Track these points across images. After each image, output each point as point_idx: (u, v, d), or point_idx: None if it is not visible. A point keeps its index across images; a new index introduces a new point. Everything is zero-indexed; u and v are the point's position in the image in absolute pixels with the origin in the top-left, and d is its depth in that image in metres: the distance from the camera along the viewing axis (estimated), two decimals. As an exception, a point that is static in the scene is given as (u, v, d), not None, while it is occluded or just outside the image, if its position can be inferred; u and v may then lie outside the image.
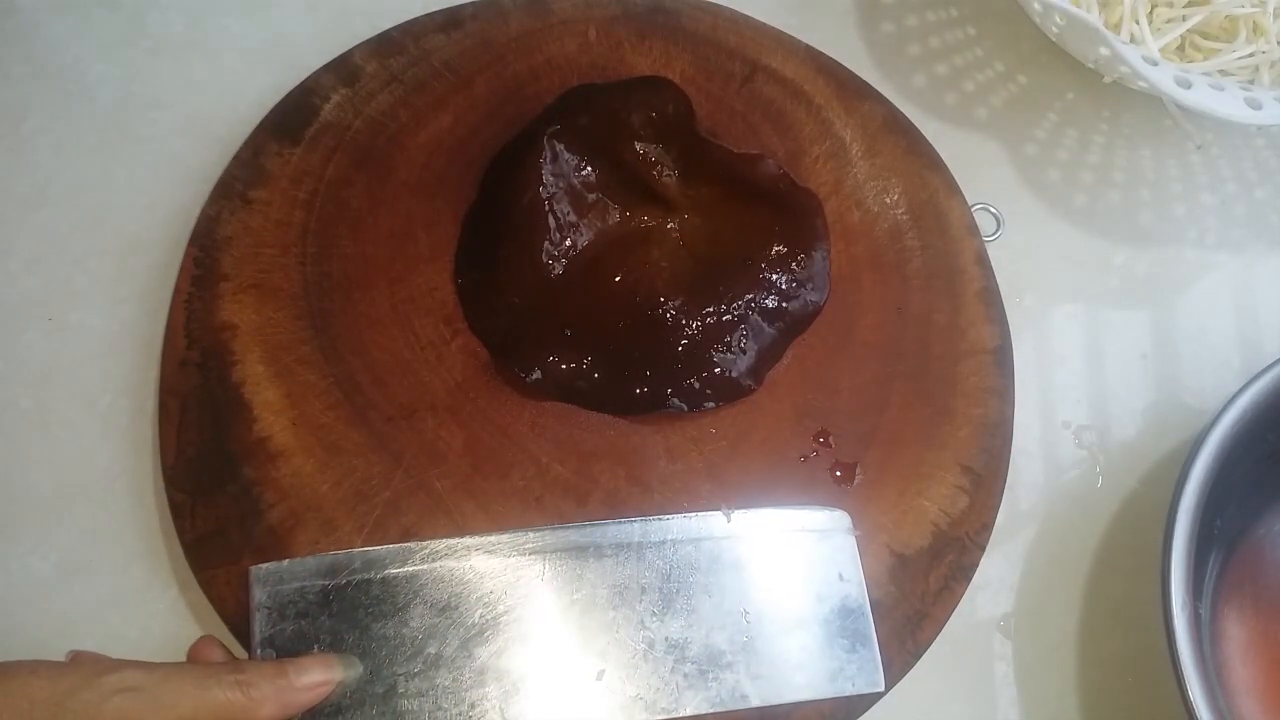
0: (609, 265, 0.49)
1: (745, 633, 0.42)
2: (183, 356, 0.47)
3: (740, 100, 0.54)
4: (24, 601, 0.45)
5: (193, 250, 0.49)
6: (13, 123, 0.54)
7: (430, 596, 0.41)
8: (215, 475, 0.45)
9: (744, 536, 0.44)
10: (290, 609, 0.41)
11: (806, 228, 0.50)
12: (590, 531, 0.43)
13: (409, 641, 0.41)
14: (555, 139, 0.49)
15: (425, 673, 0.40)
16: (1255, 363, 0.49)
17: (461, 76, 0.54)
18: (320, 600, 0.41)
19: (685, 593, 0.43)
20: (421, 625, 0.41)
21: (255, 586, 0.41)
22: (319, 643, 0.40)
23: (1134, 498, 0.51)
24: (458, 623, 0.41)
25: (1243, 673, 0.46)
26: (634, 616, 0.42)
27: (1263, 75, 0.54)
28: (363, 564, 0.42)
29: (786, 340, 0.49)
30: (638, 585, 0.43)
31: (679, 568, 0.43)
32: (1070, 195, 0.57)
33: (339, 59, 0.54)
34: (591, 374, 0.46)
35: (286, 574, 0.42)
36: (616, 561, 0.43)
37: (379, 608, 0.41)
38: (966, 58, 0.60)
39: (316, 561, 0.42)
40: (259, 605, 0.41)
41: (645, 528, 0.44)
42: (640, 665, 0.41)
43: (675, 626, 0.42)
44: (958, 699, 0.47)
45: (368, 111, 0.52)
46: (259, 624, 0.41)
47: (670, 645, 0.42)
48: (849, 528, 0.45)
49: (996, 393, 0.49)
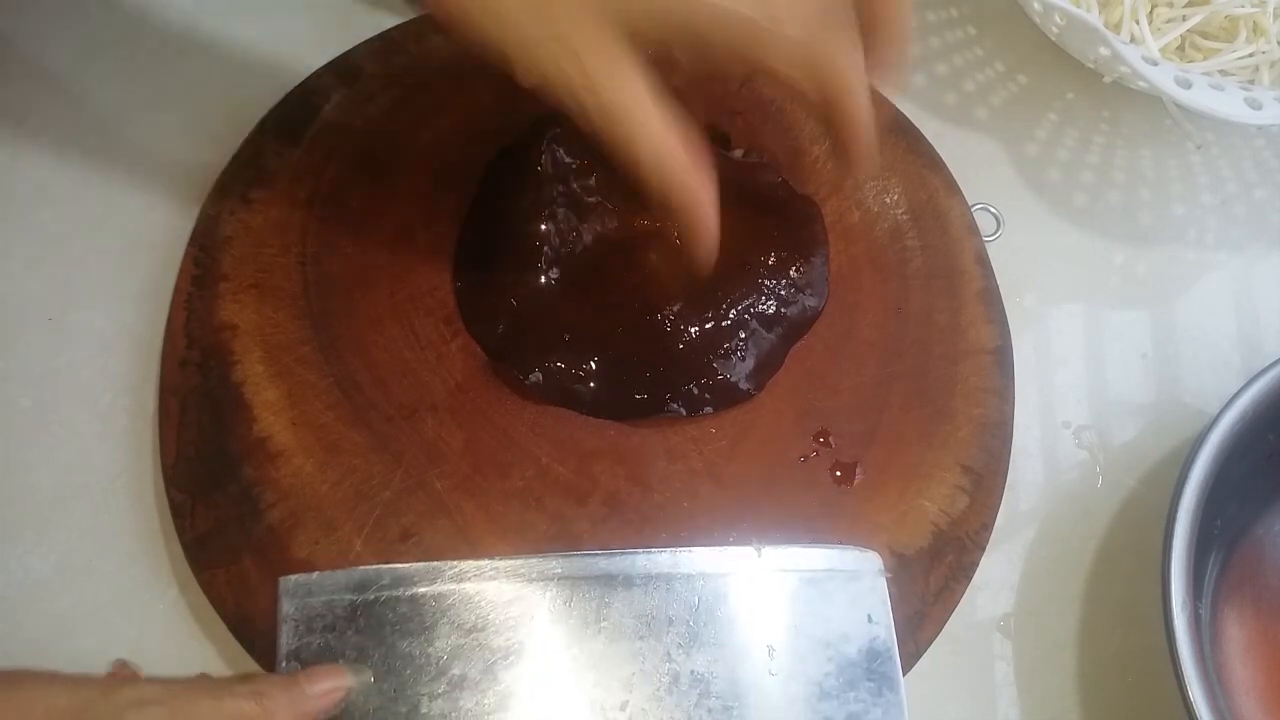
0: (608, 270, 0.49)
1: (770, 670, 0.42)
2: (183, 356, 0.47)
3: (740, 100, 0.54)
4: (24, 601, 0.45)
5: (193, 250, 0.49)
6: (13, 123, 0.54)
7: (457, 617, 0.41)
8: (215, 475, 0.45)
9: (774, 573, 0.44)
10: (317, 622, 0.41)
11: (805, 234, 0.50)
12: (618, 560, 0.43)
13: (434, 661, 0.40)
14: (555, 142, 0.49)
15: (449, 694, 0.40)
16: (1255, 363, 0.49)
17: (461, 77, 0.54)
18: (347, 615, 0.41)
19: (712, 626, 0.42)
20: (447, 646, 0.41)
21: (284, 599, 0.41)
22: (344, 658, 0.40)
23: (1134, 498, 0.51)
24: (483, 645, 0.41)
25: (1243, 673, 0.46)
26: (660, 648, 0.42)
27: (1263, 75, 0.54)
28: (391, 580, 0.42)
29: (786, 346, 0.49)
30: (665, 616, 0.42)
31: (707, 601, 0.43)
32: (1070, 195, 0.57)
33: (339, 59, 0.54)
34: (589, 380, 0.46)
35: (315, 587, 0.41)
36: (645, 591, 0.42)
37: (405, 625, 0.41)
38: (966, 58, 0.60)
39: (345, 576, 0.42)
40: (286, 617, 0.41)
41: (675, 559, 0.43)
42: (665, 698, 0.41)
43: (701, 660, 0.42)
44: (958, 699, 0.47)
45: (368, 112, 0.52)
46: (285, 636, 0.40)
47: (695, 679, 0.41)
48: (880, 569, 0.44)
49: (996, 393, 0.49)
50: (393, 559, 0.44)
